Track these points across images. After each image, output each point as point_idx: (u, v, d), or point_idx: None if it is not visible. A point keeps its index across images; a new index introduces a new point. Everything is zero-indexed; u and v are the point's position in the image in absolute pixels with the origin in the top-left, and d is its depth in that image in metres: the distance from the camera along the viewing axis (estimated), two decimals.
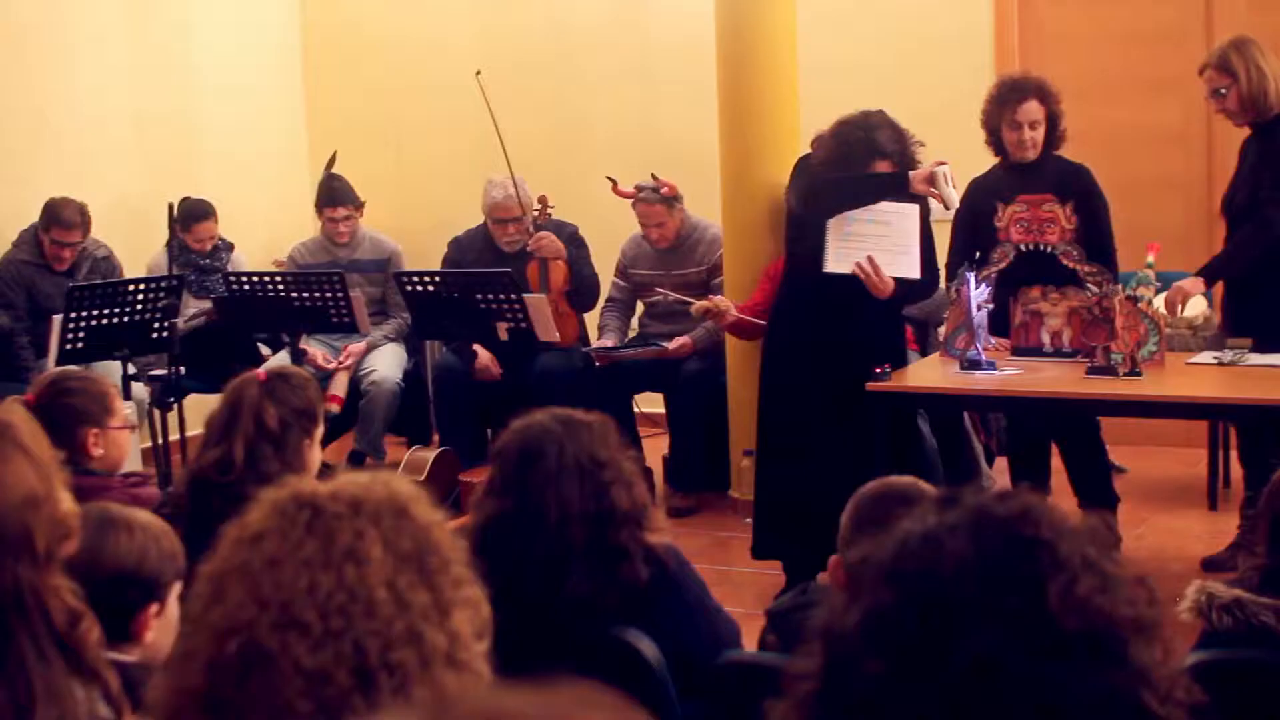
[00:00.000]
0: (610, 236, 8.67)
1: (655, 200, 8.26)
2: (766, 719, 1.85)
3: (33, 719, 2.36)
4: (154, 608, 3.00)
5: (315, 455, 4.31)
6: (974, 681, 1.66)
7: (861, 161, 6.21)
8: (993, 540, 1.72)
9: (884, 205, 6.24)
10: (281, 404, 4.19)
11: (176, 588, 3.03)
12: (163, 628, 3.00)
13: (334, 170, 9.36)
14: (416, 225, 9.85)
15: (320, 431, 4.34)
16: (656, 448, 8.33)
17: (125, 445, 4.59)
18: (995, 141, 6.77)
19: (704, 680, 3.42)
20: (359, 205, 9.22)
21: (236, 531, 2.13)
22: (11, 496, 2.41)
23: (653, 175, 8.27)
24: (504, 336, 7.75)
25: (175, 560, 3.06)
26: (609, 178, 8.37)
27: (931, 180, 6.10)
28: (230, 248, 9.24)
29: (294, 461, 4.16)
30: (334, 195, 9.15)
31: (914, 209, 6.28)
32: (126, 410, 4.76)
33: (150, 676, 2.46)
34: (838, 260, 6.23)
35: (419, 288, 7.89)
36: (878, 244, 6.23)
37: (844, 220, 6.24)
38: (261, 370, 4.35)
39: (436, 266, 8.54)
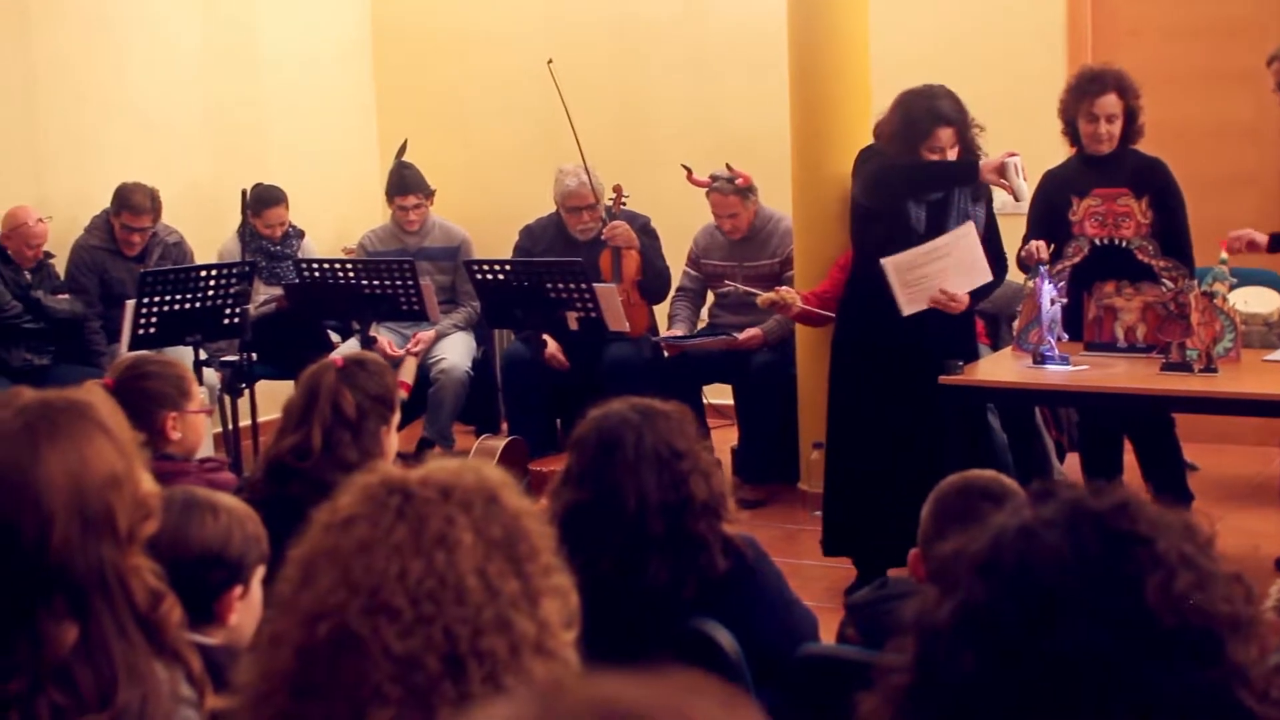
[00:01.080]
0: (679, 228, 8.66)
1: (730, 191, 8.23)
2: (858, 712, 1.84)
3: (115, 699, 2.36)
4: (238, 590, 3.02)
5: (392, 442, 4.31)
6: (1069, 677, 1.65)
7: (924, 128, 6.19)
8: (1090, 535, 1.71)
9: (937, 242, 6.21)
10: (359, 390, 4.20)
11: (260, 571, 3.05)
12: (246, 610, 3.02)
13: (404, 158, 9.37)
14: (485, 213, 9.86)
15: (397, 418, 4.34)
16: (725, 439, 8.31)
17: (202, 429, 4.61)
18: (1071, 132, 6.70)
19: (782, 672, 3.41)
20: (429, 193, 9.24)
21: (326, 516, 2.14)
22: (93, 476, 2.41)
23: (728, 166, 8.25)
24: (574, 326, 7.75)
25: (259, 543, 3.08)
26: (684, 165, 8.36)
27: (1001, 171, 6.07)
28: (300, 234, 9.29)
29: (371, 448, 4.16)
30: (405, 183, 9.17)
31: (968, 227, 6.24)
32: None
33: (234, 659, 2.48)
34: (912, 303, 6.22)
35: (489, 276, 7.89)
36: (944, 277, 6.22)
37: (904, 270, 6.22)
38: (339, 356, 4.36)
39: (505, 255, 8.54)
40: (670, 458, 3.51)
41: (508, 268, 7.91)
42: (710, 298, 8.67)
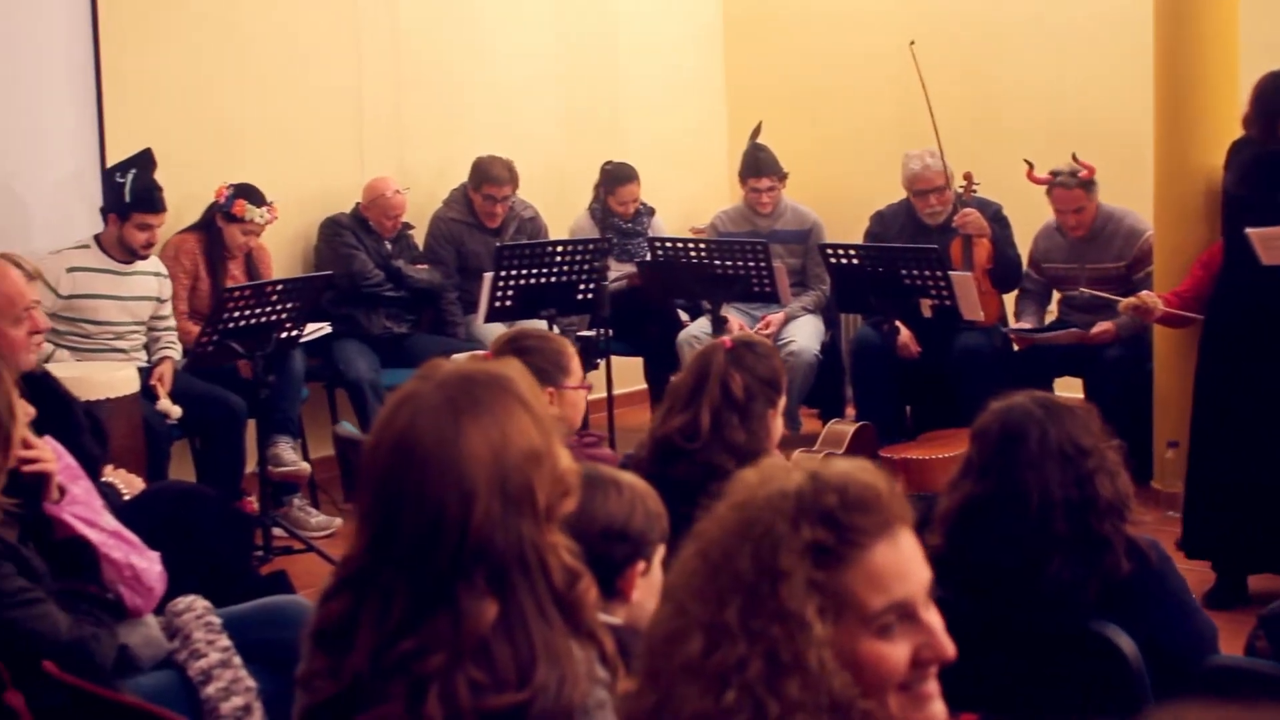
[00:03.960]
0: (1031, 216, 8.49)
1: (1074, 185, 8.04)
2: None
3: (533, 678, 2.33)
4: (640, 566, 3.01)
5: (778, 425, 4.29)
6: None
7: (1277, 106, 6.01)
8: None
9: None
10: (747, 372, 4.18)
11: (661, 549, 3.04)
12: (647, 588, 3.00)
13: (759, 141, 9.38)
14: (835, 197, 9.81)
15: (784, 402, 4.32)
16: None
17: (580, 405, 4.61)
18: None
19: (1186, 682, 3.32)
20: (783, 176, 9.25)
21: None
22: (515, 451, 2.38)
23: (1074, 156, 8.06)
24: (927, 313, 7.68)
25: (661, 520, 3.06)
26: (1025, 160, 8.21)
27: None
28: (651, 212, 9.39)
29: (758, 430, 4.14)
30: (759, 166, 9.19)
31: None
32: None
33: (635, 639, 2.45)
34: (1272, 258, 6.04)
35: (843, 260, 7.87)
36: None
37: (1268, 239, 6.03)
38: (728, 338, 4.36)
39: (854, 239, 8.51)
40: (1075, 454, 3.44)
41: (862, 252, 7.88)
42: (1055, 296, 8.50)
